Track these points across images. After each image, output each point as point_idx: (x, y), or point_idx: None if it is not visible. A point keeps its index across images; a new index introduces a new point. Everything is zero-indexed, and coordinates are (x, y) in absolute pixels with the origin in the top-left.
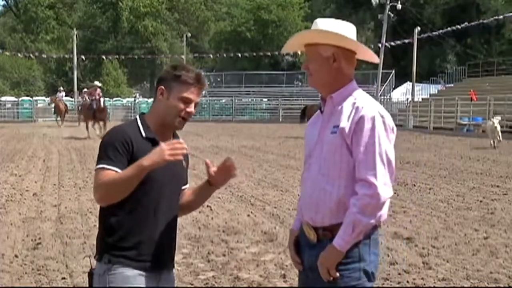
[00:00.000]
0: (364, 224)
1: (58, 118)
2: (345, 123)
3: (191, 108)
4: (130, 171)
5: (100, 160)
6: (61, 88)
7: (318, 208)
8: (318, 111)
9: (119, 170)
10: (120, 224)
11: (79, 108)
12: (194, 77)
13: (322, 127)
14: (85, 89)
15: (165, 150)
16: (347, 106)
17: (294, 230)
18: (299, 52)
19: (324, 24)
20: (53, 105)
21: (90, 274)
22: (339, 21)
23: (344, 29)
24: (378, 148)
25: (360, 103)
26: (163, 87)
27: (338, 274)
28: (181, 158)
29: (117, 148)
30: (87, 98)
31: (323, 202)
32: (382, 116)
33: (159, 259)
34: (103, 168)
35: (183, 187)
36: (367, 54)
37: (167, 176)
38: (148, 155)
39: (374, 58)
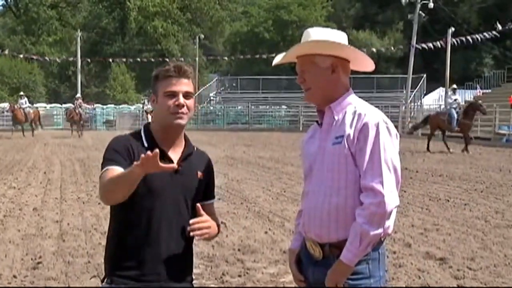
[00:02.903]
0: (372, 235)
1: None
2: (348, 132)
3: (178, 100)
4: (124, 172)
5: (102, 165)
6: (22, 94)
7: (324, 223)
8: (315, 124)
9: (121, 168)
10: (122, 242)
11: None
12: (171, 70)
13: (321, 140)
14: (78, 95)
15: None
16: (348, 115)
17: (293, 249)
18: None
19: (318, 33)
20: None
21: None
22: (332, 30)
23: (339, 38)
24: (384, 155)
25: (362, 110)
26: (153, 94)
27: None
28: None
29: (118, 151)
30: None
31: (329, 216)
32: (385, 122)
33: (166, 278)
34: (107, 169)
35: (206, 202)
36: (363, 63)
37: (171, 190)
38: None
39: (369, 66)
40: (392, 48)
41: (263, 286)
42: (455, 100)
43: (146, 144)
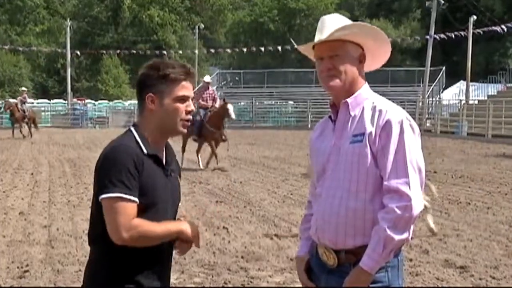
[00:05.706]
0: (397, 240)
1: None
2: (370, 129)
3: (190, 106)
4: (170, 232)
5: (113, 185)
6: None
7: (340, 228)
8: (323, 119)
9: (137, 200)
10: (134, 253)
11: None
12: (182, 72)
13: (336, 138)
14: (24, 88)
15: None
16: (367, 111)
17: (302, 256)
18: None
19: (334, 21)
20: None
21: None
22: (347, 19)
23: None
24: (409, 155)
25: (382, 106)
26: (151, 94)
27: None
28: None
29: (130, 171)
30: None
31: (346, 221)
32: (408, 120)
33: (165, 282)
34: (121, 198)
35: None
36: (379, 58)
37: (169, 198)
38: (189, 227)
39: (382, 62)
40: (409, 39)
41: None
42: None
43: (145, 151)
